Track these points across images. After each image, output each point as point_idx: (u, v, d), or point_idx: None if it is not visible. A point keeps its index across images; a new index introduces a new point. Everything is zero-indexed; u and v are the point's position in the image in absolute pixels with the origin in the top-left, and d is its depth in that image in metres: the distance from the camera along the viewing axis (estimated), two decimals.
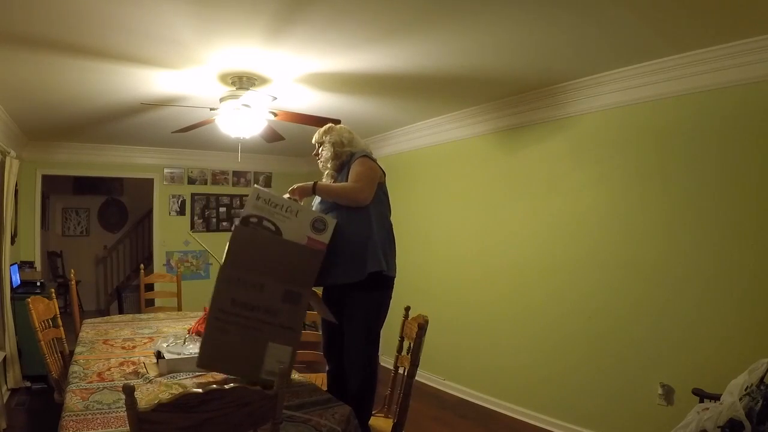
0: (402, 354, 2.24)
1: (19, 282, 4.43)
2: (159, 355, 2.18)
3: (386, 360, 4.92)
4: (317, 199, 2.28)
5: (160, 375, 2.05)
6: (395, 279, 2.28)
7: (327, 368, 2.40)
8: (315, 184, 2.17)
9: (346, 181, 2.19)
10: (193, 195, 6.12)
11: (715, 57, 2.54)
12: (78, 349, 2.49)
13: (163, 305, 4.44)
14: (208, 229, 6.20)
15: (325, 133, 2.40)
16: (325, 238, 1.89)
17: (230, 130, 3.20)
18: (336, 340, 2.27)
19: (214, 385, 1.24)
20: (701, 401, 2.23)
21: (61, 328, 2.79)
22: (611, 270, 3.07)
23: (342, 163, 2.33)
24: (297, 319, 1.88)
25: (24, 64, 2.73)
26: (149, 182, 5.95)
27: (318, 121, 3.21)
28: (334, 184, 2.24)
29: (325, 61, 2.76)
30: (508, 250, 3.76)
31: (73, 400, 1.76)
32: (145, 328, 3.06)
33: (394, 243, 2.30)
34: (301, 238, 1.82)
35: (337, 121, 3.20)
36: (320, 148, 2.40)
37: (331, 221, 1.90)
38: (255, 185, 1.98)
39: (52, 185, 6.93)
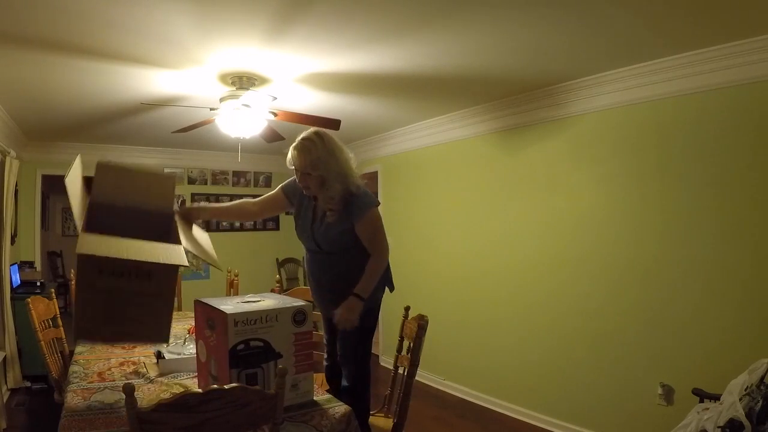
0: (402, 354, 2.24)
1: (19, 282, 4.43)
2: (159, 355, 2.18)
3: (386, 360, 4.90)
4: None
5: (160, 375, 2.05)
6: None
7: (325, 363, 2.41)
8: (357, 296, 2.02)
9: (348, 214, 2.08)
10: (193, 195, 6.12)
11: (714, 57, 2.55)
12: (78, 349, 2.49)
13: None
14: (208, 229, 6.13)
15: (314, 163, 2.01)
16: (309, 325, 1.81)
17: (230, 130, 3.20)
18: (334, 335, 2.28)
19: (215, 385, 1.24)
20: (701, 401, 2.23)
21: (61, 328, 2.79)
22: (611, 269, 3.07)
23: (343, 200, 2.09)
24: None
25: (24, 64, 2.73)
26: None
27: (318, 121, 3.21)
28: (367, 277, 2.07)
29: (325, 61, 2.76)
30: (508, 249, 3.76)
31: (73, 400, 1.76)
32: None
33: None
34: (289, 338, 1.73)
35: (336, 122, 3.21)
36: (315, 179, 2.06)
37: (309, 307, 1.81)
38: (220, 308, 1.74)
39: (52, 185, 6.91)
